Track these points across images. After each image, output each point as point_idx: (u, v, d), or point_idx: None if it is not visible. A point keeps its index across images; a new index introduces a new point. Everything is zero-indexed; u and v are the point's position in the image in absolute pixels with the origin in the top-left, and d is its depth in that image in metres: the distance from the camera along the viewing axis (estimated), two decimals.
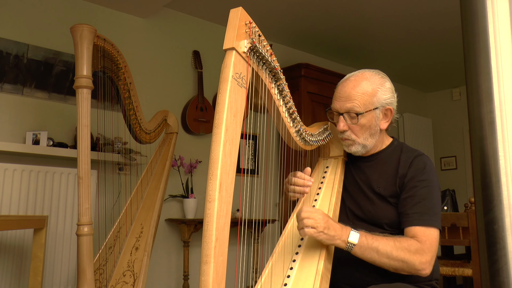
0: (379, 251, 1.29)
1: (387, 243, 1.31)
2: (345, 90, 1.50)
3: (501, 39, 0.73)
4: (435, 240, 1.36)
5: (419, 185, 1.43)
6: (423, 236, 1.35)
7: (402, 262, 1.30)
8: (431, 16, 3.80)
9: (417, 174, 1.45)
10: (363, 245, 1.29)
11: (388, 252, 1.29)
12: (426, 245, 1.33)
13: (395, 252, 1.29)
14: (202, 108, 3.71)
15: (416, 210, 1.40)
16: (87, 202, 2.06)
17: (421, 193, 1.41)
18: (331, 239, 1.28)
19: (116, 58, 2.38)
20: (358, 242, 1.29)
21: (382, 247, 1.29)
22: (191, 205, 3.44)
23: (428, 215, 1.38)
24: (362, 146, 1.52)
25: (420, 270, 1.31)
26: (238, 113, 1.08)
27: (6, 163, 2.76)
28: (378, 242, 1.30)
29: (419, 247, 1.32)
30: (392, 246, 1.30)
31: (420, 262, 1.30)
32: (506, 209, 0.70)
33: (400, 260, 1.30)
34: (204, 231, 1.02)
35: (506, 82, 0.72)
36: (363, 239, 1.30)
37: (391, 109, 1.52)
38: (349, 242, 1.29)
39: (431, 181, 1.44)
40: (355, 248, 1.29)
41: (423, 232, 1.36)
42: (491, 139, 0.72)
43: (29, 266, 2.45)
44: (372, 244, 1.30)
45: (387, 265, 1.31)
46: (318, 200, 1.52)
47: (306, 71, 4.11)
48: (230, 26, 1.11)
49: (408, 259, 1.30)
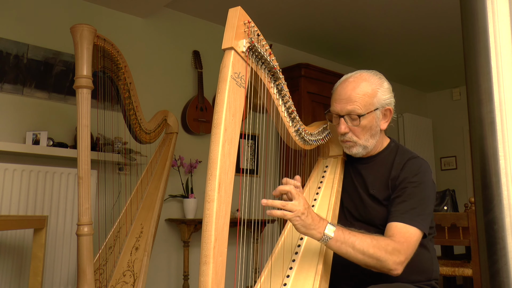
0: (355, 247, 1.27)
1: (365, 239, 1.28)
2: (345, 92, 1.48)
3: (501, 39, 0.73)
4: (413, 242, 1.33)
5: (408, 186, 1.42)
6: (401, 237, 1.32)
7: (377, 260, 1.27)
8: (431, 16, 3.80)
9: (409, 176, 1.43)
10: (339, 239, 1.26)
11: (365, 249, 1.27)
12: (403, 246, 1.31)
13: (371, 249, 1.27)
14: (202, 108, 3.70)
15: (399, 208, 1.38)
16: (87, 202, 2.06)
17: (409, 193, 1.40)
18: (306, 226, 1.24)
19: (116, 58, 2.38)
20: (334, 236, 1.26)
21: (358, 243, 1.27)
22: (191, 205, 3.44)
23: (410, 214, 1.36)
24: (363, 147, 1.52)
25: (392, 270, 1.29)
26: (237, 113, 1.08)
27: (6, 163, 2.76)
28: (355, 238, 1.28)
29: (395, 247, 1.29)
30: (369, 243, 1.28)
31: (394, 262, 1.28)
32: (506, 209, 0.70)
33: (375, 258, 1.27)
34: (203, 231, 1.01)
35: (506, 82, 0.72)
36: (340, 233, 1.27)
37: (390, 109, 1.52)
38: (325, 234, 1.25)
39: (421, 183, 1.42)
40: (330, 241, 1.26)
41: (402, 230, 1.34)
42: (491, 139, 0.72)
43: (29, 266, 2.45)
44: (348, 240, 1.27)
45: (361, 261, 1.29)
46: (318, 199, 1.52)
47: (306, 71, 4.11)
48: (228, 26, 1.11)
49: (383, 258, 1.27)
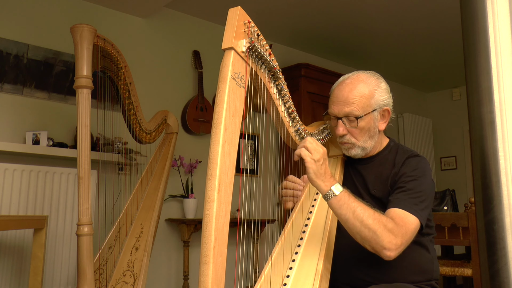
0: (355, 212, 1.26)
1: (367, 209, 1.27)
2: (342, 94, 1.48)
3: (501, 39, 0.73)
4: (411, 229, 1.31)
5: (407, 179, 1.42)
6: (400, 221, 1.30)
7: (373, 233, 1.25)
8: (431, 16, 3.80)
9: (408, 171, 1.44)
10: (342, 199, 1.26)
11: (364, 218, 1.25)
12: (401, 229, 1.28)
13: (371, 220, 1.25)
14: (202, 108, 3.70)
15: (398, 196, 1.38)
16: (87, 202, 2.06)
17: (408, 185, 1.40)
18: (317, 174, 1.26)
19: (116, 58, 2.38)
20: (338, 194, 1.27)
21: (360, 210, 1.26)
22: (191, 205, 3.44)
23: (408, 202, 1.35)
24: (362, 148, 1.51)
25: (385, 250, 1.25)
26: (237, 113, 1.08)
27: (6, 163, 2.76)
28: (357, 204, 1.27)
29: (394, 227, 1.27)
30: (370, 214, 1.26)
31: (389, 242, 1.25)
32: (506, 209, 0.70)
33: (372, 230, 1.25)
34: (203, 231, 1.01)
35: (506, 82, 0.72)
36: (345, 195, 1.27)
37: (388, 110, 1.51)
38: (330, 189, 1.27)
39: (420, 177, 1.42)
40: (333, 199, 1.27)
41: (401, 215, 1.32)
42: (491, 139, 0.72)
43: (29, 266, 2.45)
44: (351, 203, 1.27)
45: (357, 230, 1.26)
46: (317, 199, 1.52)
47: (306, 71, 4.11)
48: (228, 26, 1.11)
49: (380, 233, 1.24)
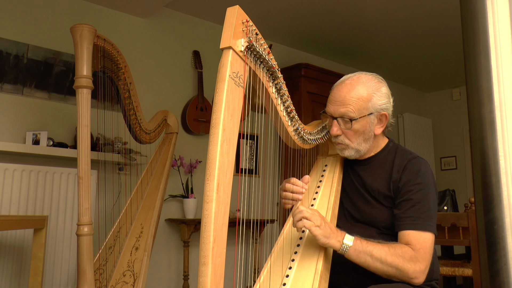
0: (373, 255, 1.28)
1: (382, 248, 1.29)
2: (339, 94, 1.47)
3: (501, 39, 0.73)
4: (429, 247, 1.33)
5: (414, 188, 1.41)
6: (417, 244, 1.32)
7: (396, 269, 1.28)
8: (431, 16, 3.80)
9: (412, 178, 1.42)
10: (358, 247, 1.28)
11: (383, 257, 1.27)
12: (420, 253, 1.31)
13: (390, 258, 1.27)
14: (202, 108, 3.70)
15: (410, 214, 1.37)
16: (87, 202, 2.06)
17: (416, 197, 1.39)
18: (326, 236, 1.26)
19: (116, 58, 2.38)
20: (353, 244, 1.27)
21: (376, 251, 1.28)
22: (191, 205, 3.44)
23: (422, 219, 1.36)
24: (356, 150, 1.50)
25: (413, 279, 1.29)
26: (235, 112, 1.07)
27: (6, 163, 2.76)
28: (372, 247, 1.29)
29: (413, 255, 1.30)
30: (387, 251, 1.28)
31: (414, 271, 1.28)
32: (506, 209, 0.70)
33: (394, 266, 1.28)
34: (202, 232, 1.01)
35: (506, 82, 0.72)
36: (358, 242, 1.28)
37: (386, 115, 1.49)
38: (344, 244, 1.27)
39: (426, 185, 1.41)
40: (349, 250, 1.28)
41: (417, 237, 1.34)
42: (491, 139, 0.72)
43: (29, 266, 2.45)
44: (366, 248, 1.28)
45: (381, 271, 1.29)
46: (317, 198, 1.52)
47: (306, 71, 4.11)
48: (227, 25, 1.10)
49: (402, 266, 1.28)
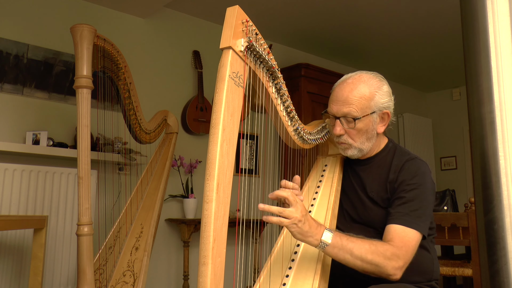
0: (353, 253, 1.26)
1: (363, 245, 1.27)
2: (342, 94, 1.46)
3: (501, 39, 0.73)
4: (412, 245, 1.32)
5: (408, 188, 1.40)
6: (400, 241, 1.31)
7: (375, 266, 1.27)
8: (431, 16, 3.80)
9: (407, 178, 1.42)
10: (337, 245, 1.25)
11: (363, 255, 1.26)
12: (402, 251, 1.30)
13: (370, 255, 1.26)
14: (202, 108, 3.70)
15: (399, 210, 1.37)
16: (87, 202, 2.06)
17: (408, 195, 1.39)
18: (303, 234, 1.22)
19: (116, 58, 2.38)
20: (331, 242, 1.24)
21: (356, 249, 1.26)
22: (191, 205, 3.44)
23: (409, 216, 1.35)
24: (359, 150, 1.50)
25: (391, 275, 1.28)
26: (235, 112, 1.07)
27: (6, 163, 2.76)
28: (353, 244, 1.26)
29: (394, 252, 1.28)
30: (367, 249, 1.27)
31: (393, 268, 1.27)
32: (506, 209, 0.70)
33: (374, 264, 1.26)
34: (202, 232, 1.01)
35: (506, 82, 0.72)
36: (337, 240, 1.25)
37: (388, 113, 1.49)
38: (322, 241, 1.24)
39: (420, 185, 1.41)
40: (327, 248, 1.25)
41: (401, 233, 1.33)
42: (491, 139, 0.72)
43: (29, 266, 2.45)
44: (346, 246, 1.26)
45: (359, 268, 1.28)
46: (317, 198, 1.52)
47: (306, 71, 4.11)
48: (226, 25, 1.10)
49: (382, 263, 1.26)
